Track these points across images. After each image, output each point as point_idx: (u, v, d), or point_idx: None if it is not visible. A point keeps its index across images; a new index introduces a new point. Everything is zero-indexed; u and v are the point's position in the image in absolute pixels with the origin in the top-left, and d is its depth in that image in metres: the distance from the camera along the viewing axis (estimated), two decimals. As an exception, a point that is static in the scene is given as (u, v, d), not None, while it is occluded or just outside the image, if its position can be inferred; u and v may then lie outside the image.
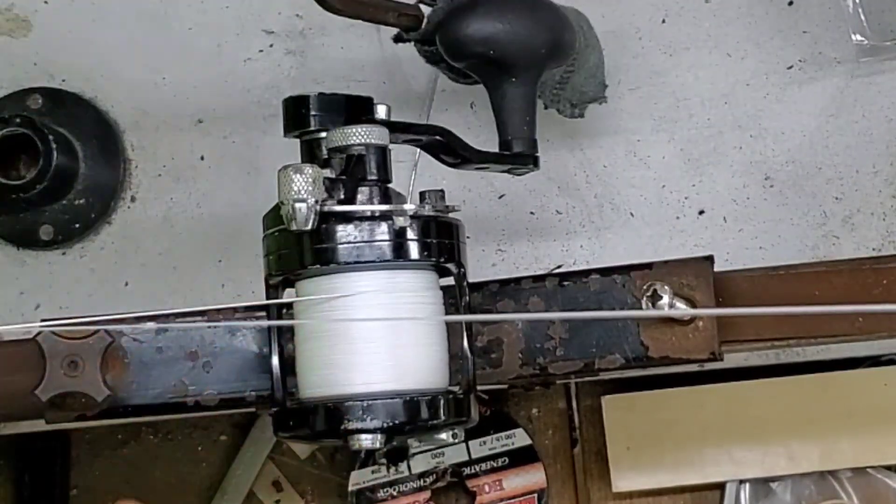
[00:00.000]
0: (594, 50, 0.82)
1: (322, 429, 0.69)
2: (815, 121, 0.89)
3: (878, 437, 1.04)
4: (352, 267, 0.68)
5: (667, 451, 1.04)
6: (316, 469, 1.07)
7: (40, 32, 0.94)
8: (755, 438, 1.04)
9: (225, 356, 0.76)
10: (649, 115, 0.90)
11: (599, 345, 0.74)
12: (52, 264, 0.93)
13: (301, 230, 0.67)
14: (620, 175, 0.90)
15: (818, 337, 0.75)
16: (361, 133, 0.69)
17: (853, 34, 0.88)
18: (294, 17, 0.93)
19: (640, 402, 1.05)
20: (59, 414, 0.75)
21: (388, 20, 0.75)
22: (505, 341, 0.75)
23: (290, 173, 0.66)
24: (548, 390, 1.07)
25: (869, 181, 0.88)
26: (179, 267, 0.92)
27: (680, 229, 0.89)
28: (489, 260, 0.89)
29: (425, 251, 0.69)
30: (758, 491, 1.06)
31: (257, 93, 0.93)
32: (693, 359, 0.73)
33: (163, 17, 0.94)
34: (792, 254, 0.87)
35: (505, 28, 0.75)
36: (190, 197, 0.92)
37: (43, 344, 0.75)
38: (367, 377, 0.68)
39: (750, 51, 0.90)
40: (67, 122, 0.92)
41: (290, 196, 0.66)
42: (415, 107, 0.91)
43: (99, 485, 1.10)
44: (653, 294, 0.72)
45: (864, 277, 0.74)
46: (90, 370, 0.75)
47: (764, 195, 0.89)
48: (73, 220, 0.92)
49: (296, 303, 0.71)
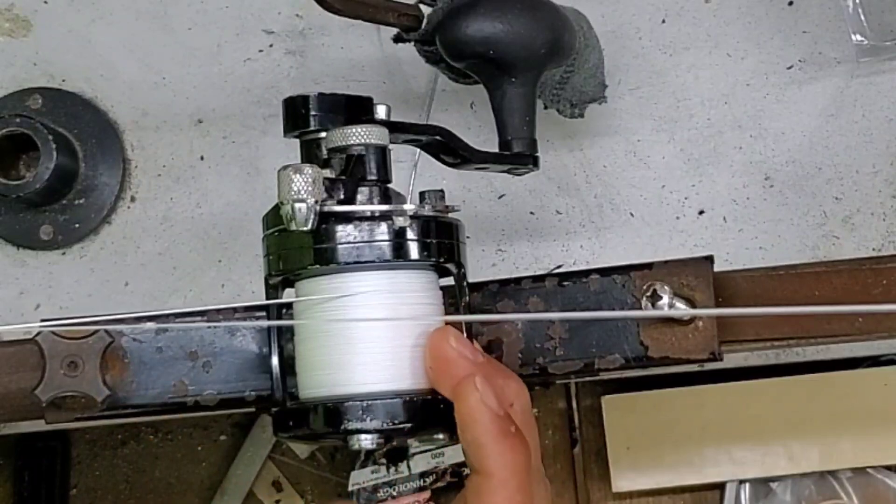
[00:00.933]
0: (594, 50, 0.82)
1: (322, 429, 0.69)
2: (815, 121, 0.89)
3: (878, 437, 1.04)
4: (352, 267, 0.68)
5: (667, 451, 1.05)
6: (316, 469, 1.07)
7: (40, 32, 0.94)
8: (755, 438, 1.04)
9: (225, 356, 0.76)
10: (649, 115, 0.90)
11: (599, 345, 0.74)
12: (52, 264, 0.93)
13: (301, 230, 0.67)
14: (620, 175, 0.90)
15: (818, 337, 0.75)
16: (361, 133, 0.69)
17: (853, 34, 0.88)
18: (294, 17, 0.93)
19: (640, 402, 1.05)
20: (59, 414, 0.75)
21: (388, 20, 0.75)
22: (505, 341, 0.75)
23: (289, 173, 0.66)
24: (548, 390, 1.07)
25: (869, 181, 0.88)
26: (179, 267, 0.92)
27: (680, 229, 0.89)
28: (489, 260, 0.89)
29: (425, 251, 0.69)
30: (758, 491, 1.06)
31: (257, 93, 0.93)
32: (693, 359, 0.73)
33: (163, 17, 0.94)
34: (792, 254, 0.87)
35: (505, 28, 0.75)
36: (190, 197, 0.92)
37: (43, 344, 0.75)
38: (366, 377, 0.68)
39: (750, 51, 0.90)
40: (67, 122, 0.92)
41: (290, 196, 0.66)
42: (415, 107, 0.91)
43: (99, 485, 1.10)
44: (653, 294, 0.72)
45: (864, 277, 0.74)
46: (90, 370, 0.75)
47: (764, 195, 0.89)
48: (73, 220, 0.92)
49: (296, 303, 0.71)
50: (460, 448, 0.70)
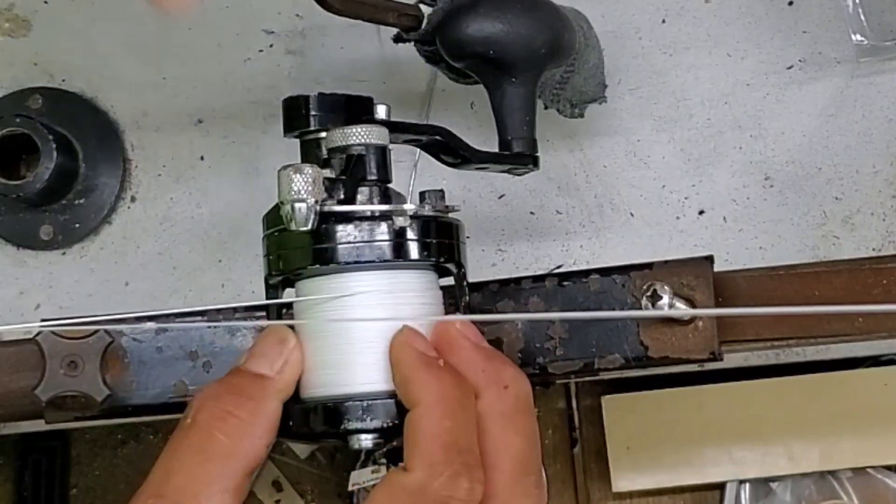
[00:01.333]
0: (594, 50, 0.82)
1: (322, 429, 0.69)
2: (815, 121, 0.89)
3: (878, 437, 1.04)
4: (352, 267, 0.68)
5: (667, 451, 1.05)
6: (316, 469, 1.07)
7: (40, 32, 0.94)
8: (755, 438, 1.04)
9: (225, 356, 0.76)
10: (649, 115, 0.90)
11: (599, 345, 0.74)
12: (52, 264, 0.93)
13: (300, 230, 0.67)
14: (620, 175, 0.90)
15: (818, 337, 0.75)
16: (361, 133, 0.69)
17: (853, 34, 0.88)
18: (294, 17, 0.93)
19: (640, 402, 1.05)
20: (59, 414, 0.75)
21: (388, 20, 0.75)
22: (505, 341, 0.75)
23: (289, 173, 0.66)
24: (548, 390, 1.07)
25: (869, 181, 0.88)
26: (179, 267, 0.92)
27: (680, 229, 0.89)
28: (489, 260, 0.89)
29: (425, 251, 0.69)
30: (758, 491, 1.06)
31: (257, 93, 0.93)
32: (693, 359, 0.73)
33: (163, 16, 0.94)
34: (792, 254, 0.87)
35: (505, 28, 0.75)
36: (190, 197, 0.92)
37: (43, 344, 0.75)
38: (366, 377, 0.68)
39: (750, 51, 0.90)
40: (67, 122, 0.92)
41: (290, 196, 0.66)
42: (415, 107, 0.91)
43: (99, 485, 1.10)
44: (653, 294, 0.72)
45: (864, 277, 0.74)
46: (90, 370, 0.75)
47: (764, 195, 0.89)
48: (73, 220, 0.92)
49: (296, 303, 0.71)
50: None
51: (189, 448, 0.65)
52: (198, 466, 0.64)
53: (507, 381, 0.67)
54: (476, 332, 0.69)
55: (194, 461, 0.64)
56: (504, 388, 0.67)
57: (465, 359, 0.67)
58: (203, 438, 0.65)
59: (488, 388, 0.66)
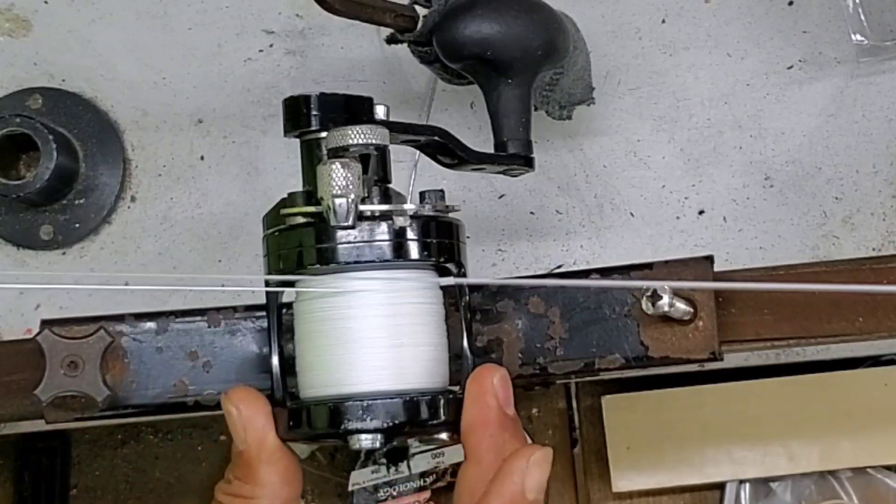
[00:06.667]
0: (581, 52, 0.82)
1: (322, 429, 0.69)
2: (815, 121, 0.89)
3: (878, 437, 1.04)
4: (352, 267, 0.68)
5: (667, 451, 1.05)
6: (316, 469, 1.07)
7: (40, 32, 0.94)
8: (755, 438, 1.04)
9: (225, 356, 0.76)
10: (649, 115, 0.90)
11: (599, 345, 0.74)
12: (52, 264, 0.92)
13: (340, 225, 0.67)
14: (620, 175, 0.90)
15: (818, 337, 0.75)
16: (361, 133, 0.69)
17: (853, 34, 0.88)
18: (294, 17, 0.93)
19: (640, 402, 1.05)
20: (59, 414, 0.75)
21: (385, 21, 0.75)
22: (505, 341, 0.75)
23: (335, 168, 0.66)
24: (548, 390, 1.07)
25: (869, 181, 0.88)
26: (179, 267, 0.92)
27: (680, 229, 0.89)
28: (489, 260, 0.89)
29: (425, 251, 0.69)
30: (758, 491, 1.06)
31: (257, 93, 0.93)
32: (693, 359, 0.73)
33: (163, 17, 0.94)
34: (792, 254, 0.87)
35: (501, 29, 0.75)
36: (190, 197, 0.92)
37: (43, 344, 0.75)
38: (367, 377, 0.68)
39: (750, 51, 0.90)
40: (67, 122, 0.92)
41: (334, 191, 0.66)
42: (415, 107, 0.91)
43: (99, 485, 1.10)
44: (653, 294, 0.72)
45: (864, 277, 0.74)
46: (90, 370, 0.75)
47: (764, 195, 0.89)
48: (73, 220, 0.92)
49: (296, 303, 0.71)
50: (460, 448, 0.70)
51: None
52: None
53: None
54: (507, 386, 0.69)
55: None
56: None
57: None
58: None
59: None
